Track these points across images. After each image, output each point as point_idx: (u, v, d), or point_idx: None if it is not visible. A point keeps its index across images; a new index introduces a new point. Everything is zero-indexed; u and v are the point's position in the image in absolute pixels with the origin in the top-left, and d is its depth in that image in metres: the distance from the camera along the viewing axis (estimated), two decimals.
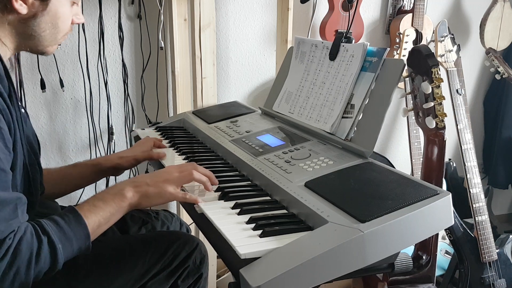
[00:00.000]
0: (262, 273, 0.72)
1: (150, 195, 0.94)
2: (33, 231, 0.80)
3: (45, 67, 1.79)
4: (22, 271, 0.77)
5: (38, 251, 0.79)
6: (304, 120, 1.27)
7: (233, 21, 2.04)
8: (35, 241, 0.79)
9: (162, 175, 0.97)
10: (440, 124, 1.17)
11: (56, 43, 0.96)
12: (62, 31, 0.95)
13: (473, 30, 2.49)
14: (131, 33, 1.90)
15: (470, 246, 1.72)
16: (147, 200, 0.95)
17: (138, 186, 0.94)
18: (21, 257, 0.77)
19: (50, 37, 0.94)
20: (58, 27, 0.93)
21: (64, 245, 0.82)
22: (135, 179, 0.97)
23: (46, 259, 0.80)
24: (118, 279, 1.00)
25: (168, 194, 0.96)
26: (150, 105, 1.99)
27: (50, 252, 0.80)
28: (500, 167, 2.61)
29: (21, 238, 0.77)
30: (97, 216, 0.88)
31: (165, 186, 0.96)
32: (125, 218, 1.24)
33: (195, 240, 1.11)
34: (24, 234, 0.78)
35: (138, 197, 0.93)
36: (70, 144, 1.92)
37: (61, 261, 0.83)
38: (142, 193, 0.94)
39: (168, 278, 1.06)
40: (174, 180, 0.97)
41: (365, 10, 2.24)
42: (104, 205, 0.90)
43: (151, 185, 0.95)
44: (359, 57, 1.17)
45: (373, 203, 0.84)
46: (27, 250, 0.78)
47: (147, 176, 0.98)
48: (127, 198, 0.92)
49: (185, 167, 1.01)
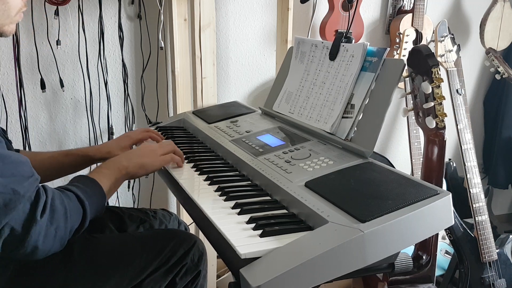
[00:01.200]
0: (262, 273, 0.72)
1: (145, 164, 1.08)
2: (61, 191, 0.85)
3: (45, 67, 1.79)
4: (62, 226, 0.82)
5: (70, 207, 0.84)
6: (304, 120, 1.27)
7: (233, 21, 2.04)
8: (65, 197, 0.84)
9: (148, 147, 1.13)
10: (440, 124, 1.17)
11: (11, 21, 0.92)
12: (14, 7, 0.91)
13: (473, 30, 2.49)
14: (131, 33, 1.90)
15: (470, 246, 1.72)
16: (143, 169, 1.08)
17: (132, 158, 1.07)
18: (58, 213, 0.81)
19: (2, 16, 0.89)
20: (8, 2, 0.89)
21: (89, 201, 0.88)
22: (126, 154, 1.10)
23: (78, 215, 0.86)
24: (115, 276, 1.00)
25: (159, 160, 1.11)
26: (150, 105, 1.99)
27: (80, 208, 0.86)
28: (500, 167, 2.61)
29: (53, 196, 0.81)
30: (106, 180, 0.98)
31: (155, 155, 1.11)
32: (123, 217, 1.24)
33: (193, 238, 1.12)
34: (54, 193, 0.82)
35: (134, 166, 1.06)
36: (70, 144, 1.92)
37: (89, 217, 0.88)
38: (138, 163, 1.06)
39: (166, 276, 1.06)
40: (159, 151, 1.13)
41: (365, 10, 2.24)
42: (109, 172, 1.00)
43: (143, 156, 1.09)
44: (359, 57, 1.17)
45: (373, 203, 0.84)
46: (61, 205, 0.82)
47: (134, 151, 1.13)
48: (125, 167, 1.04)
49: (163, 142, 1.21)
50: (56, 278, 0.95)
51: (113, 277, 1.00)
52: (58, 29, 1.77)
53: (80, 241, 1.00)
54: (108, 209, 1.25)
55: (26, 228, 0.77)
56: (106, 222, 1.20)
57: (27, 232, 0.77)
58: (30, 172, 0.81)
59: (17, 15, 0.93)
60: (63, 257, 0.96)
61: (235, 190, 1.02)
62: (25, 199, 0.77)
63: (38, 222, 0.78)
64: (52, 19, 1.75)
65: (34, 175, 0.82)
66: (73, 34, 1.80)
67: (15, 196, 0.76)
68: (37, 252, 0.80)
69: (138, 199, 2.06)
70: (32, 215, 0.78)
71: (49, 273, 0.95)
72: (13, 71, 1.73)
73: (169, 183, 1.17)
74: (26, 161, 0.82)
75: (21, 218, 0.77)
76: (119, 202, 2.02)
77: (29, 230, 0.77)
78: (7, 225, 0.76)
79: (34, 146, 1.84)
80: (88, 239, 1.04)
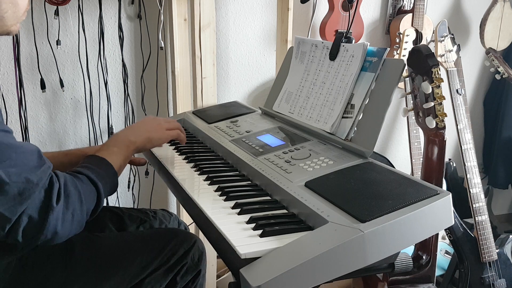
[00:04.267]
0: (262, 273, 0.72)
1: (152, 138, 1.11)
2: (72, 175, 0.85)
3: (45, 67, 1.79)
4: (77, 209, 0.83)
5: (84, 190, 0.85)
6: (304, 120, 1.27)
7: (233, 21, 2.04)
8: (78, 181, 0.85)
9: (154, 121, 1.15)
10: (440, 124, 1.17)
11: (18, 21, 0.93)
12: (22, 8, 0.92)
13: (473, 30, 2.49)
14: (131, 33, 1.90)
15: (470, 246, 1.72)
16: (150, 143, 1.11)
17: (139, 132, 1.10)
18: (73, 197, 0.82)
19: (12, 17, 0.91)
20: (18, 4, 0.90)
21: (101, 182, 0.89)
22: (132, 128, 1.13)
23: (92, 196, 0.87)
24: (115, 275, 1.00)
25: (166, 134, 1.15)
26: (150, 105, 1.99)
27: (94, 189, 0.87)
28: (500, 167, 2.61)
29: (66, 182, 0.82)
30: (116, 158, 0.99)
31: (161, 129, 1.14)
32: (123, 217, 1.24)
33: (193, 237, 1.12)
34: (66, 178, 0.83)
35: (142, 140, 1.09)
36: (70, 144, 1.92)
37: (103, 197, 0.90)
38: (145, 137, 1.09)
39: (166, 275, 1.06)
40: (166, 125, 1.16)
41: (365, 10, 2.24)
42: (117, 149, 1.02)
43: (150, 130, 1.12)
44: (359, 57, 1.17)
45: (373, 203, 0.84)
46: (75, 190, 0.83)
47: (140, 124, 1.14)
48: (133, 143, 1.06)
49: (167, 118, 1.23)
50: (57, 276, 0.95)
51: (114, 276, 1.00)
52: (58, 29, 1.77)
53: (81, 240, 1.00)
54: (108, 209, 1.25)
55: (43, 215, 0.78)
56: (106, 222, 1.20)
57: (45, 219, 0.78)
58: (42, 161, 0.82)
59: (23, 15, 0.95)
60: (64, 255, 0.96)
61: (235, 190, 1.02)
62: (40, 187, 0.78)
63: (54, 209, 0.79)
64: (52, 19, 1.75)
65: (46, 163, 0.82)
66: (73, 34, 1.80)
67: (29, 185, 0.77)
68: (57, 237, 0.81)
69: (138, 199, 2.06)
70: (48, 202, 0.79)
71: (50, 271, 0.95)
72: (13, 71, 1.73)
73: (169, 183, 1.17)
74: (37, 150, 0.83)
75: (37, 206, 0.78)
76: (119, 202, 2.02)
77: (46, 217, 0.78)
78: (25, 213, 0.77)
79: None
80: (89, 238, 1.04)
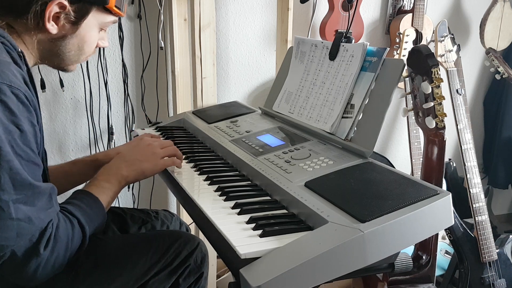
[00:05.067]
0: (262, 273, 0.72)
1: (146, 170, 1.06)
2: (65, 218, 0.85)
3: (45, 67, 1.78)
4: (61, 254, 0.83)
5: (72, 235, 0.85)
6: (304, 120, 1.27)
7: (233, 21, 2.04)
8: (69, 226, 0.85)
9: (149, 149, 1.09)
10: (440, 124, 1.17)
11: (78, 62, 1.00)
12: (86, 53, 0.99)
13: (473, 30, 2.49)
14: (131, 33, 1.90)
15: (470, 246, 1.72)
16: (142, 175, 1.06)
17: (133, 165, 1.04)
18: (61, 243, 0.82)
19: (74, 57, 0.98)
20: (84, 49, 0.97)
21: (89, 225, 0.89)
22: (125, 157, 1.06)
23: (78, 240, 0.87)
24: (119, 277, 1.00)
25: (160, 164, 1.08)
26: (150, 105, 1.99)
27: (80, 234, 0.87)
28: (500, 167, 2.61)
29: (58, 225, 0.82)
30: (107, 196, 0.97)
31: (156, 158, 1.08)
32: (125, 218, 1.24)
33: (196, 240, 1.12)
34: (59, 221, 0.83)
35: (135, 175, 1.04)
36: (70, 144, 1.92)
37: (87, 241, 0.89)
38: (138, 171, 1.04)
39: (170, 277, 1.06)
40: (161, 153, 1.10)
41: (365, 10, 2.24)
42: (109, 185, 0.99)
43: (143, 160, 1.06)
44: (359, 57, 1.17)
45: (373, 203, 0.84)
46: (64, 236, 0.83)
47: (135, 152, 1.08)
48: (125, 178, 1.02)
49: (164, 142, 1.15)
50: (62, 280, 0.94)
51: (118, 278, 1.00)
52: None
53: None
54: (110, 210, 1.24)
55: (27, 258, 0.78)
56: (108, 223, 1.20)
57: (28, 262, 0.78)
58: (51, 204, 0.82)
59: (85, 59, 1.01)
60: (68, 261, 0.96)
61: (235, 190, 1.02)
62: (37, 229, 0.78)
63: (40, 255, 0.78)
64: None
65: (53, 207, 0.82)
66: None
67: (29, 225, 0.77)
68: (35, 280, 0.81)
69: (138, 199, 2.06)
70: (36, 247, 0.78)
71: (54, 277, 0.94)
72: None
73: (169, 183, 1.17)
74: (50, 192, 0.83)
75: (25, 246, 0.77)
76: (119, 202, 2.03)
77: (29, 260, 0.78)
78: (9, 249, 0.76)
79: None
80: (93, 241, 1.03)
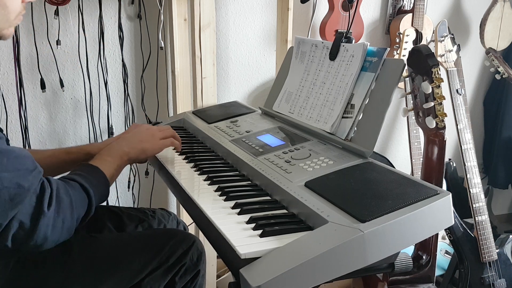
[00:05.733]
0: (262, 273, 0.72)
1: (146, 149, 1.11)
2: (65, 182, 0.86)
3: (45, 67, 1.79)
4: (68, 216, 0.83)
5: (76, 196, 0.85)
6: (304, 120, 1.27)
7: (233, 21, 2.04)
8: (70, 187, 0.85)
9: (148, 131, 1.15)
10: (440, 124, 1.17)
11: (10, 25, 0.91)
12: (13, 11, 0.89)
13: (473, 30, 2.49)
14: (131, 33, 1.90)
15: (470, 246, 1.72)
16: (143, 154, 1.11)
17: (133, 143, 1.10)
18: (64, 203, 0.83)
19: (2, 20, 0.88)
20: (7, 7, 0.87)
21: (92, 189, 0.90)
22: (126, 138, 1.12)
23: (83, 203, 0.88)
24: (114, 275, 1.00)
25: (160, 144, 1.14)
26: (150, 105, 1.99)
27: (85, 196, 0.88)
28: (500, 167, 2.61)
29: (58, 188, 0.83)
30: (109, 168, 1.00)
31: (155, 139, 1.14)
32: (122, 216, 1.24)
33: (192, 237, 1.12)
34: (58, 184, 0.83)
35: (136, 152, 1.09)
36: (70, 144, 1.91)
37: (94, 205, 0.90)
38: (139, 149, 1.10)
39: (165, 275, 1.06)
40: (159, 134, 1.16)
41: (365, 10, 2.24)
42: (111, 159, 1.03)
43: (144, 141, 1.12)
44: (359, 57, 1.17)
45: (373, 203, 0.84)
46: (66, 196, 0.83)
47: (135, 134, 1.14)
48: (126, 153, 1.07)
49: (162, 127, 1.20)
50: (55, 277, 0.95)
51: (112, 277, 1.00)
52: (58, 29, 1.77)
53: (80, 241, 1.00)
54: (107, 209, 1.25)
55: (34, 221, 0.78)
56: (105, 221, 1.20)
57: (36, 224, 0.79)
58: (33, 166, 0.82)
59: (16, 19, 0.91)
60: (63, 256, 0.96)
61: (235, 190, 1.02)
62: (31, 192, 0.78)
63: (46, 214, 0.79)
64: (52, 19, 1.75)
65: (37, 168, 0.83)
66: (73, 34, 1.80)
67: (20, 190, 0.77)
68: (47, 243, 0.82)
69: (138, 199, 2.06)
70: (39, 208, 0.79)
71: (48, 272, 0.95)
72: (13, 71, 1.73)
73: (169, 183, 1.17)
74: (28, 155, 0.83)
75: (28, 212, 0.78)
76: (119, 202, 2.02)
77: (37, 222, 0.79)
78: (15, 219, 0.77)
79: (34, 146, 1.84)
80: (87, 239, 1.04)
